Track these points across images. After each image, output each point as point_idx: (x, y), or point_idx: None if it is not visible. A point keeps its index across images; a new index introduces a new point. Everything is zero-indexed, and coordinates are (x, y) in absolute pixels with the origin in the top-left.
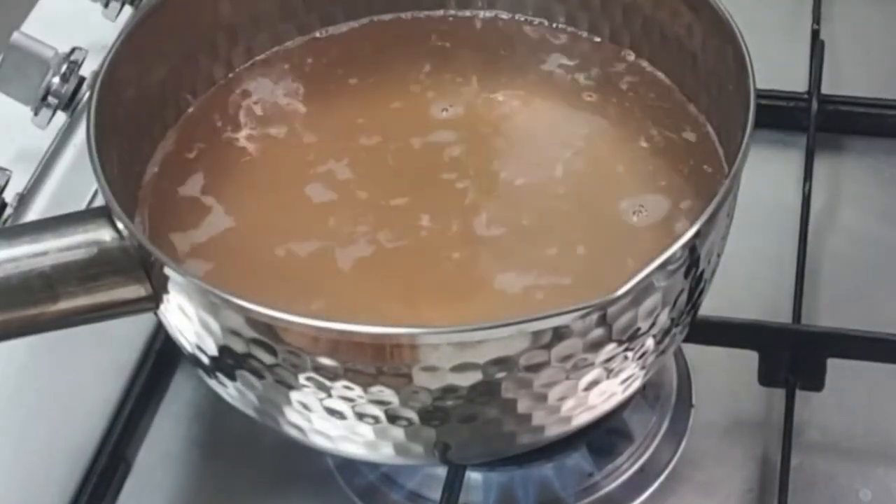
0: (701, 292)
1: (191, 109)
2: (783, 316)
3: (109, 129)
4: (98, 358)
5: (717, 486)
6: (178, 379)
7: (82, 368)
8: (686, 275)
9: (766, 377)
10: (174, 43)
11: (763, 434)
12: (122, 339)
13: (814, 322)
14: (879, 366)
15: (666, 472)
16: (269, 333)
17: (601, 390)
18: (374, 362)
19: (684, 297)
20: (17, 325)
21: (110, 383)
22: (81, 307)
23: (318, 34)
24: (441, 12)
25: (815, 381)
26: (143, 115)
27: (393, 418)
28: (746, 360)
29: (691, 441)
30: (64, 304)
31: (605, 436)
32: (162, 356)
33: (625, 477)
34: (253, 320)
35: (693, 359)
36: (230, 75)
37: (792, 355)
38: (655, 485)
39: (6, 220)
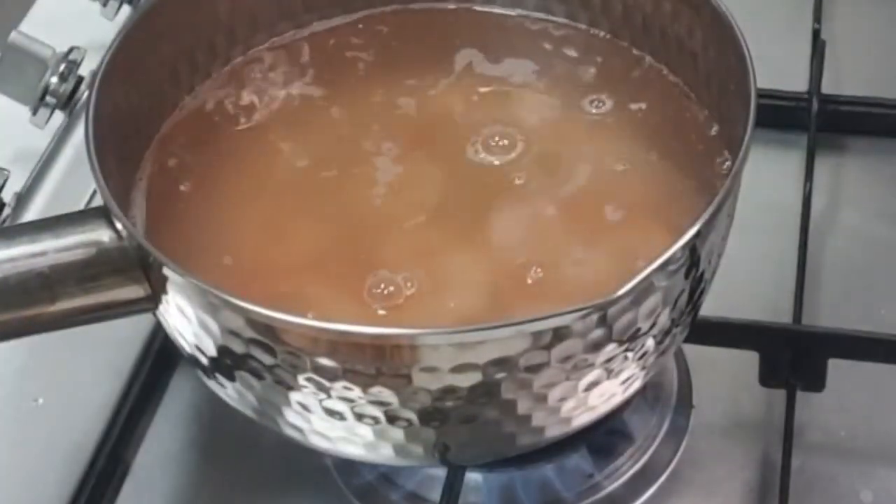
0: (701, 293)
1: (187, 110)
2: (784, 316)
3: (107, 129)
4: (97, 358)
5: (718, 486)
6: (177, 379)
7: (81, 368)
8: (686, 275)
9: (767, 378)
10: (172, 42)
11: (764, 435)
12: (121, 340)
13: (815, 322)
14: (880, 366)
15: (666, 473)
16: (268, 334)
17: (601, 391)
18: (373, 363)
19: (685, 297)
20: (16, 326)
21: (109, 383)
22: (80, 307)
23: (314, 28)
24: (441, 5)
25: (816, 382)
26: (141, 114)
27: (392, 419)
28: (747, 361)
29: (691, 442)
30: (62, 305)
31: (605, 436)
32: (161, 357)
33: (625, 477)
34: (252, 321)
35: (693, 359)
36: (225, 71)
37: (792, 356)
38: (656, 485)
39: (5, 220)
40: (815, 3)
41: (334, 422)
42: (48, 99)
